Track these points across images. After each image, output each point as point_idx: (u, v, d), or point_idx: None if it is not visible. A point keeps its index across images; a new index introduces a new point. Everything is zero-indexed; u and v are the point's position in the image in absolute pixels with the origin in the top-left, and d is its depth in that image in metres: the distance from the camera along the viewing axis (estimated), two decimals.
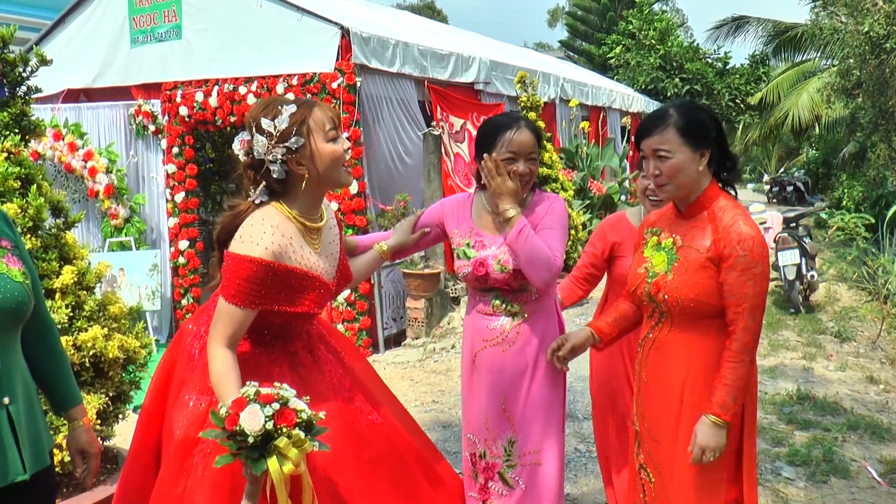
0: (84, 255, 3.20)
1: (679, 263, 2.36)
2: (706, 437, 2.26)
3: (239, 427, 1.81)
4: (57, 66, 3.57)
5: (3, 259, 1.90)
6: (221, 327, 2.09)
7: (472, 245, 2.76)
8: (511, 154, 2.62)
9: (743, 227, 2.26)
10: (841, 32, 11.54)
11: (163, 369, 2.38)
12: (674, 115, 2.34)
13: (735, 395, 2.25)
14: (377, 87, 7.41)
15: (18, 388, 1.89)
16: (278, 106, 2.15)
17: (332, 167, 2.19)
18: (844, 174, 15.57)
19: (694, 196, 2.39)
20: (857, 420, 4.98)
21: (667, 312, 2.41)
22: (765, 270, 2.26)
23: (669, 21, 23.62)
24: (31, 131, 3.22)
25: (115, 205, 7.76)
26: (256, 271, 2.06)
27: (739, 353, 2.25)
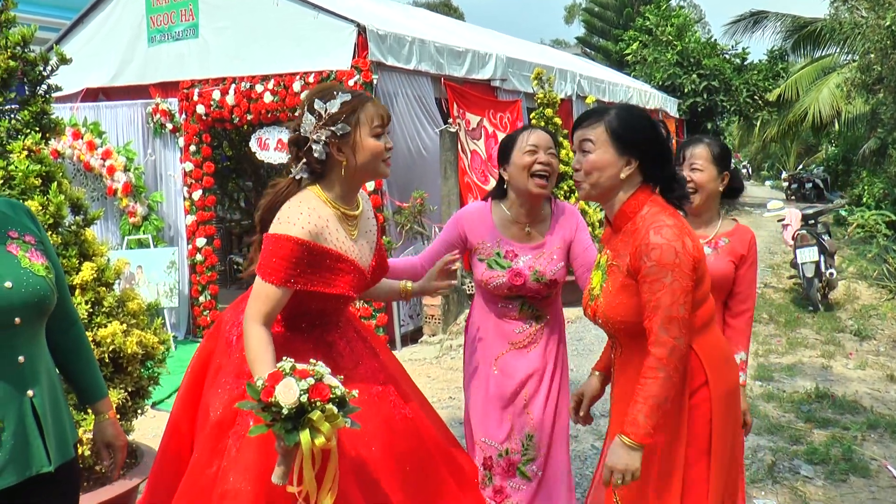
0: (103, 252, 3.22)
1: (607, 283, 2.26)
2: (613, 456, 2.09)
3: (274, 399, 1.84)
4: (76, 65, 3.60)
5: (27, 254, 1.92)
6: (257, 305, 2.13)
7: (503, 255, 2.85)
8: (533, 147, 2.79)
9: (652, 237, 2.11)
10: (861, 27, 11.43)
11: (200, 357, 2.44)
12: (610, 114, 2.24)
13: (646, 414, 2.05)
14: (394, 84, 7.42)
15: (43, 380, 1.92)
16: (334, 91, 2.22)
17: (371, 160, 2.24)
18: (865, 171, 15.40)
19: (617, 205, 2.25)
20: (877, 419, 4.93)
21: (612, 335, 2.33)
22: (678, 279, 2.08)
23: (687, 17, 23.47)
24: (52, 129, 3.24)
25: (133, 203, 7.82)
26: (293, 249, 2.11)
27: (651, 369, 2.07)
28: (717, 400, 2.22)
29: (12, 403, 1.83)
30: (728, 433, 2.27)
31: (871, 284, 9.25)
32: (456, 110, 8.50)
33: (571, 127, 2.35)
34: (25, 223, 2.00)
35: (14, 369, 1.84)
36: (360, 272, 2.29)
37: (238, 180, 11.95)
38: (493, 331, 2.90)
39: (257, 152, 7.75)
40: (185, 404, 2.40)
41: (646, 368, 2.09)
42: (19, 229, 1.96)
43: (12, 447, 1.81)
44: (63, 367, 2.11)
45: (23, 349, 1.86)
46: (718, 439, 2.22)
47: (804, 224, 8.89)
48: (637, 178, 2.24)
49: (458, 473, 2.50)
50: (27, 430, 1.85)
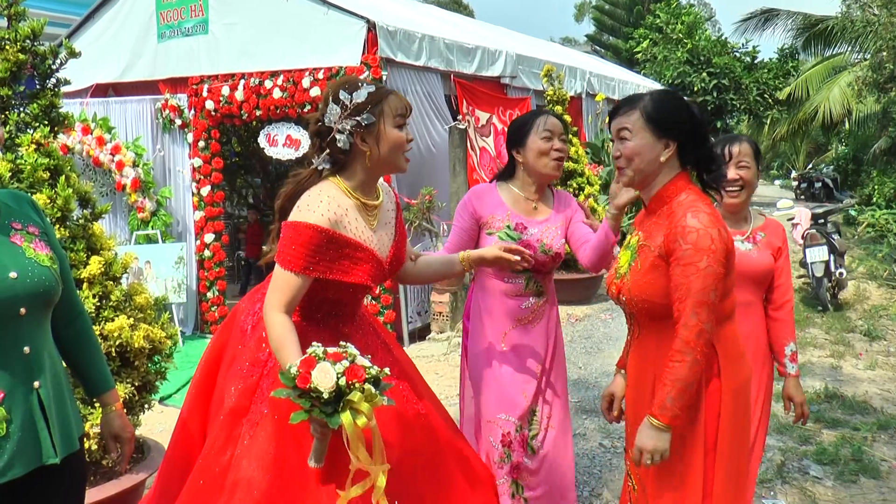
0: (111, 246, 3.22)
1: (636, 262, 2.28)
2: (642, 437, 2.14)
3: (312, 385, 1.86)
4: (85, 61, 3.61)
5: (31, 244, 1.92)
6: (277, 293, 2.15)
7: (513, 227, 2.95)
8: (548, 133, 2.94)
9: (689, 220, 2.13)
10: (874, 25, 11.35)
11: (213, 348, 2.46)
12: (644, 99, 2.27)
13: (673, 397, 2.09)
14: (403, 80, 7.41)
15: (48, 371, 1.91)
16: (359, 83, 2.25)
17: (393, 151, 2.27)
18: (875, 170, 15.32)
19: (655, 189, 2.29)
20: (887, 420, 4.90)
21: (632, 315, 2.36)
22: (712, 265, 2.10)
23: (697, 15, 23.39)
24: (60, 123, 3.25)
25: (141, 198, 7.83)
26: (312, 237, 2.13)
27: (678, 352, 2.10)
28: (727, 393, 2.24)
29: (19, 395, 1.82)
30: (736, 429, 2.27)
31: (881, 284, 9.19)
32: (465, 107, 8.48)
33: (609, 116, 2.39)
34: (29, 214, 2.00)
35: (20, 360, 1.84)
36: (378, 262, 2.31)
37: (247, 176, 11.96)
38: (498, 309, 2.97)
39: (266, 148, 7.75)
40: (198, 396, 2.42)
41: (674, 351, 2.12)
42: (22, 220, 1.96)
43: (20, 439, 1.81)
44: (69, 358, 2.11)
45: (28, 340, 1.86)
46: (725, 435, 2.23)
47: (814, 223, 8.84)
48: (676, 163, 2.28)
49: (469, 473, 2.50)
50: (34, 421, 1.85)
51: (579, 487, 4.02)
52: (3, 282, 1.80)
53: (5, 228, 1.91)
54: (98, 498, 2.89)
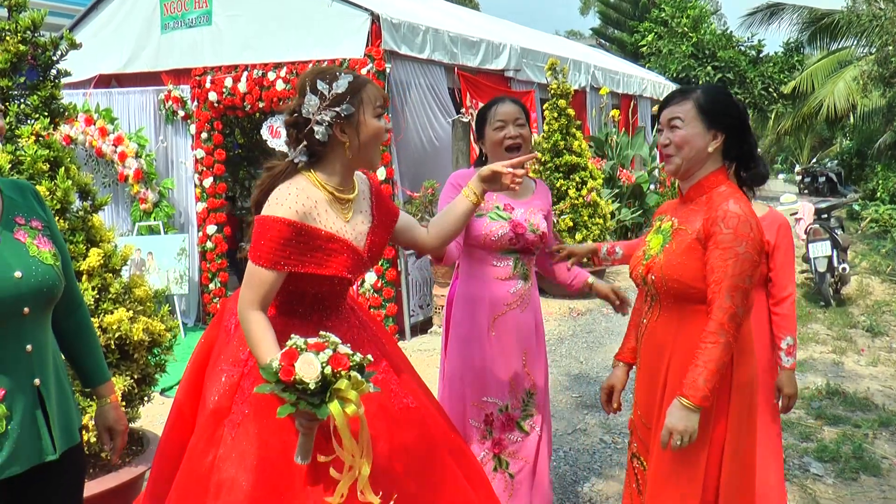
0: (111, 238, 3.22)
1: (670, 244, 2.35)
2: (672, 418, 2.17)
3: (297, 377, 1.83)
4: (89, 51, 3.59)
5: (35, 241, 1.92)
6: (250, 290, 2.11)
7: (501, 208, 2.98)
8: (501, 122, 2.98)
9: (731, 206, 2.23)
10: (880, 19, 11.30)
11: (203, 346, 2.44)
12: (697, 91, 2.36)
13: (706, 378, 2.14)
14: (407, 73, 7.39)
15: (49, 367, 1.92)
16: (336, 73, 2.20)
17: (372, 142, 2.22)
18: (879, 165, 15.28)
19: (697, 177, 2.37)
20: (888, 416, 4.89)
21: (656, 295, 2.40)
22: (749, 251, 2.18)
23: (702, 8, 23.29)
24: (61, 115, 3.24)
25: (144, 189, 7.83)
26: (281, 230, 2.09)
27: (712, 333, 2.16)
28: (736, 389, 2.29)
29: (19, 393, 1.83)
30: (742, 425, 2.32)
31: (884, 280, 9.18)
32: (469, 100, 8.45)
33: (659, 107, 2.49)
34: (33, 207, 1.99)
35: (22, 358, 1.84)
36: (354, 252, 2.25)
37: (249, 168, 11.94)
38: (487, 295, 2.98)
39: (269, 140, 7.74)
40: (188, 393, 2.39)
41: (707, 333, 2.17)
42: (26, 214, 1.95)
43: (18, 436, 1.81)
44: (66, 350, 2.11)
45: (31, 338, 1.86)
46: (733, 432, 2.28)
47: (817, 218, 8.82)
48: (719, 156, 2.36)
49: (468, 468, 2.48)
50: (34, 419, 1.85)
51: (579, 483, 4.02)
52: (7, 281, 1.80)
53: (9, 224, 1.90)
54: (97, 490, 2.89)
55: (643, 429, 2.46)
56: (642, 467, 2.46)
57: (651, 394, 2.41)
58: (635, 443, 2.52)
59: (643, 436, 2.46)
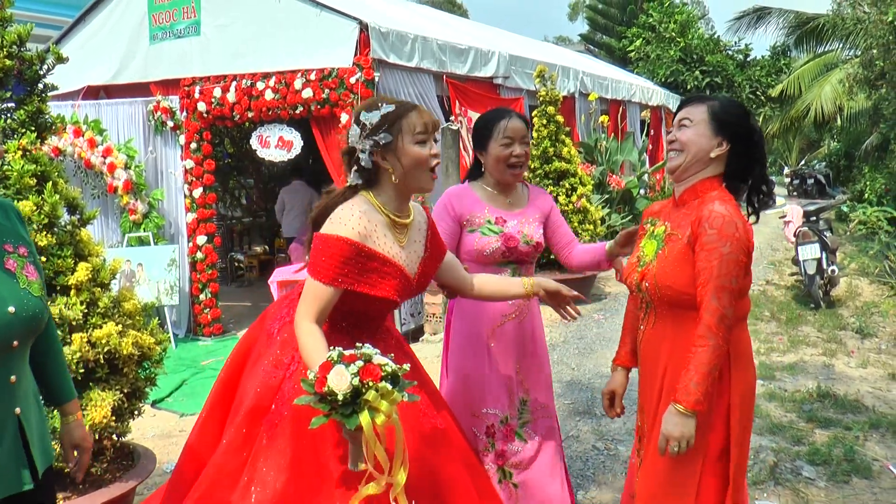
0: (99, 252, 3.21)
1: (663, 251, 2.35)
2: (668, 425, 2.18)
3: (327, 388, 1.90)
4: (77, 63, 3.59)
5: (24, 271, 1.92)
6: (307, 304, 2.22)
7: (493, 222, 3.00)
8: (508, 139, 2.96)
9: (717, 206, 2.23)
10: (864, 22, 11.38)
11: (241, 347, 2.53)
12: (713, 100, 2.40)
13: (697, 382, 2.13)
14: (395, 82, 7.39)
15: (30, 395, 1.93)
16: (379, 103, 2.32)
17: (414, 167, 2.31)
18: (867, 166, 15.36)
19: (692, 181, 2.38)
20: (878, 418, 4.90)
21: (650, 302, 2.40)
22: (734, 251, 2.18)
23: (690, 13, 23.42)
24: (48, 129, 3.23)
25: (133, 200, 7.80)
26: (343, 249, 2.20)
27: (701, 337, 2.16)
28: (736, 396, 2.29)
29: (1, 423, 1.82)
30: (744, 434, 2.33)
31: (873, 281, 9.22)
32: (458, 108, 8.47)
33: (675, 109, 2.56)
34: (17, 231, 1.98)
35: (5, 389, 1.84)
36: (405, 278, 2.36)
37: (239, 178, 11.95)
38: (486, 306, 3.00)
39: (258, 150, 7.73)
40: (220, 396, 2.48)
41: (696, 337, 2.17)
42: (13, 240, 1.94)
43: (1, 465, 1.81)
44: (35, 368, 2.09)
45: (15, 369, 1.86)
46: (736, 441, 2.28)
47: (806, 220, 8.85)
48: (721, 165, 2.37)
49: (480, 482, 2.52)
50: (15, 448, 1.85)
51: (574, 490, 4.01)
52: (2, 318, 1.80)
53: (1, 253, 1.90)
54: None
55: (646, 436, 2.46)
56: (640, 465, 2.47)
57: (650, 400, 2.43)
58: (642, 450, 2.50)
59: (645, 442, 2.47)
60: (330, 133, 7.24)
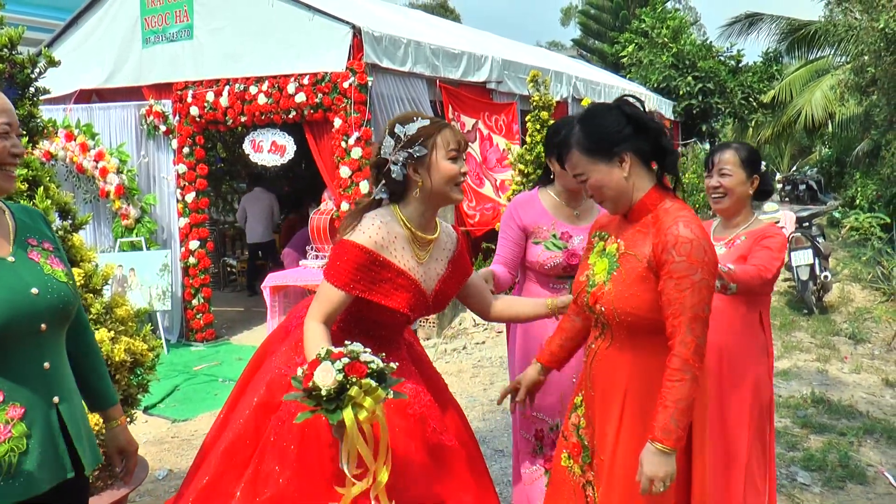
0: (91, 258, 3.18)
1: (618, 272, 2.19)
2: (652, 466, 2.04)
3: (313, 383, 1.94)
4: (69, 66, 3.56)
5: (48, 261, 1.96)
6: (319, 305, 2.28)
7: (558, 236, 3.00)
8: None
9: (682, 230, 2.06)
10: (856, 29, 11.42)
11: (264, 347, 2.61)
12: (575, 134, 2.22)
13: (677, 419, 2.02)
14: (388, 86, 7.38)
15: (68, 386, 1.95)
16: (414, 117, 2.37)
17: (445, 182, 2.34)
18: (858, 173, 15.43)
19: (636, 199, 2.21)
20: (873, 424, 4.91)
21: (606, 325, 2.26)
22: (705, 277, 2.05)
23: (682, 19, 23.46)
24: (39, 133, 3.20)
25: (125, 205, 7.77)
26: (357, 255, 2.26)
27: (678, 371, 2.03)
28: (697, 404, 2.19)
29: (39, 410, 1.84)
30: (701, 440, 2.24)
31: (865, 287, 9.24)
32: (451, 112, 8.46)
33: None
34: (42, 230, 2.04)
35: (40, 376, 1.86)
36: (420, 293, 2.39)
37: (232, 182, 11.91)
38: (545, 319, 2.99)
39: (251, 154, 7.71)
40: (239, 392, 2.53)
41: (672, 370, 2.04)
42: (38, 237, 2.00)
43: (40, 454, 1.82)
44: (76, 372, 2.11)
45: (48, 355, 1.89)
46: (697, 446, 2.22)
47: (798, 226, 8.87)
48: (641, 169, 2.21)
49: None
50: (54, 437, 1.86)
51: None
52: (25, 298, 1.83)
53: (23, 244, 1.94)
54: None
55: (598, 457, 2.32)
56: (594, 497, 2.33)
57: (605, 422, 2.29)
58: (591, 472, 2.37)
59: (598, 464, 2.32)
60: (323, 137, 7.22)
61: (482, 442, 4.76)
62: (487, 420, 5.20)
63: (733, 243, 3.01)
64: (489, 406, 5.47)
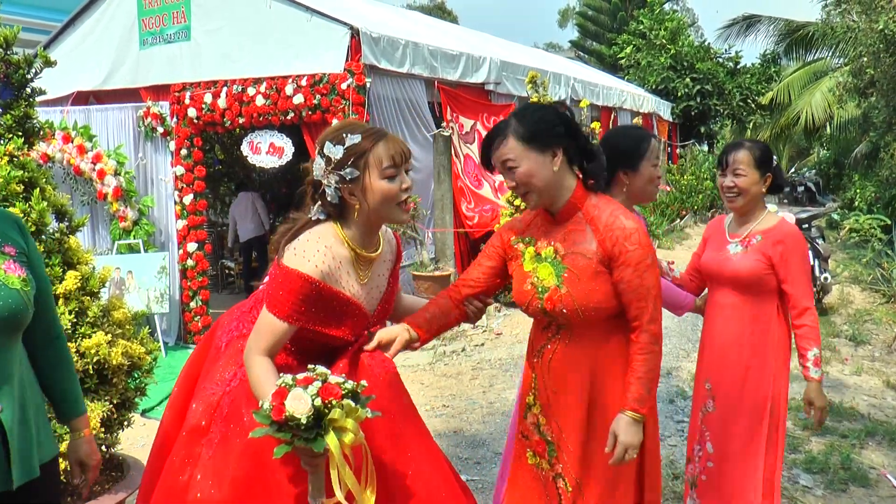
0: (88, 260, 3.14)
1: (569, 273, 2.27)
2: (627, 434, 2.22)
3: (287, 414, 1.80)
4: (67, 68, 3.53)
5: (3, 265, 1.86)
6: (260, 338, 2.11)
7: None
8: (657, 159, 2.92)
9: (625, 222, 2.25)
10: (854, 31, 11.41)
11: (192, 363, 2.44)
12: (512, 123, 2.27)
13: (650, 388, 2.25)
14: (387, 87, 7.36)
15: (15, 394, 1.85)
16: (343, 134, 2.14)
17: (383, 204, 2.15)
18: (856, 174, 15.43)
19: (563, 198, 2.31)
20: (874, 426, 4.89)
21: (565, 324, 2.35)
22: (655, 259, 2.29)
23: (680, 21, 23.48)
24: (35, 134, 3.16)
25: (123, 207, 7.72)
26: (302, 286, 2.08)
27: (650, 345, 2.25)
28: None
29: None
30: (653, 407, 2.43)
31: (864, 288, 9.23)
32: (449, 114, 8.45)
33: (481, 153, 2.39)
34: (7, 234, 1.94)
35: None
36: (363, 316, 2.25)
37: (230, 184, 11.86)
38: None
39: (249, 156, 7.68)
40: (175, 412, 2.39)
41: (643, 345, 2.24)
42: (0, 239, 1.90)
43: None
44: (43, 381, 2.05)
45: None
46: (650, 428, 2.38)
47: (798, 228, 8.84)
48: (567, 168, 2.31)
49: None
50: None
51: None
52: None
53: None
54: None
55: (567, 450, 2.39)
56: (566, 488, 2.40)
57: (575, 414, 2.37)
58: (560, 464, 2.42)
59: (567, 457, 2.40)
60: None
61: (482, 445, 4.74)
62: (487, 423, 5.17)
63: (749, 242, 3.02)
64: (488, 409, 5.44)
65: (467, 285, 2.53)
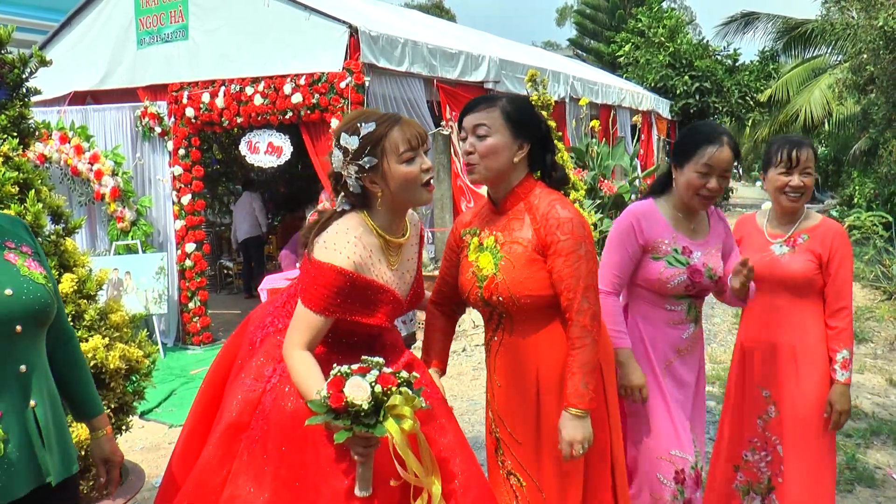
0: (85, 262, 3.09)
1: (505, 261, 2.31)
2: (570, 430, 2.22)
3: (348, 400, 1.85)
4: (63, 68, 3.49)
5: (25, 263, 1.91)
6: (298, 333, 2.13)
7: (680, 251, 2.73)
8: (707, 168, 2.65)
9: (560, 211, 2.25)
10: (853, 27, 11.38)
11: (224, 356, 2.46)
12: (503, 101, 2.35)
13: (586, 381, 2.21)
14: (385, 86, 7.32)
15: (45, 391, 1.89)
16: (358, 123, 2.16)
17: (405, 188, 2.17)
18: (855, 171, 15.39)
19: (507, 188, 2.36)
20: (879, 425, 4.85)
21: (505, 314, 2.37)
22: (590, 250, 2.25)
23: (678, 18, 23.46)
24: (31, 134, 3.12)
25: (121, 207, 7.68)
26: (336, 279, 2.10)
27: (579, 338, 2.22)
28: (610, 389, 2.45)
29: (15, 414, 1.79)
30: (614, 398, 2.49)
31: (865, 286, 9.19)
32: (448, 112, 8.40)
33: (460, 113, 2.43)
34: (21, 235, 1.99)
35: (16, 379, 1.81)
36: (398, 302, 2.27)
37: (228, 184, 11.83)
38: (661, 340, 2.77)
39: (247, 156, 7.63)
40: (207, 404, 2.41)
41: (573, 339, 2.23)
42: (15, 240, 1.95)
43: (18, 459, 1.77)
44: (60, 381, 2.06)
45: (24, 359, 1.84)
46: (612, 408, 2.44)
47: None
48: (524, 165, 2.37)
49: None
50: (31, 441, 1.81)
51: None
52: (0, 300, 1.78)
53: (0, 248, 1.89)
54: None
55: (515, 445, 2.43)
56: (520, 484, 2.42)
57: (523, 408, 2.39)
58: (508, 461, 2.46)
59: (516, 452, 2.43)
60: (320, 138, 7.15)
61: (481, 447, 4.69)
62: None
63: (794, 242, 2.94)
64: None
65: (448, 286, 2.59)
